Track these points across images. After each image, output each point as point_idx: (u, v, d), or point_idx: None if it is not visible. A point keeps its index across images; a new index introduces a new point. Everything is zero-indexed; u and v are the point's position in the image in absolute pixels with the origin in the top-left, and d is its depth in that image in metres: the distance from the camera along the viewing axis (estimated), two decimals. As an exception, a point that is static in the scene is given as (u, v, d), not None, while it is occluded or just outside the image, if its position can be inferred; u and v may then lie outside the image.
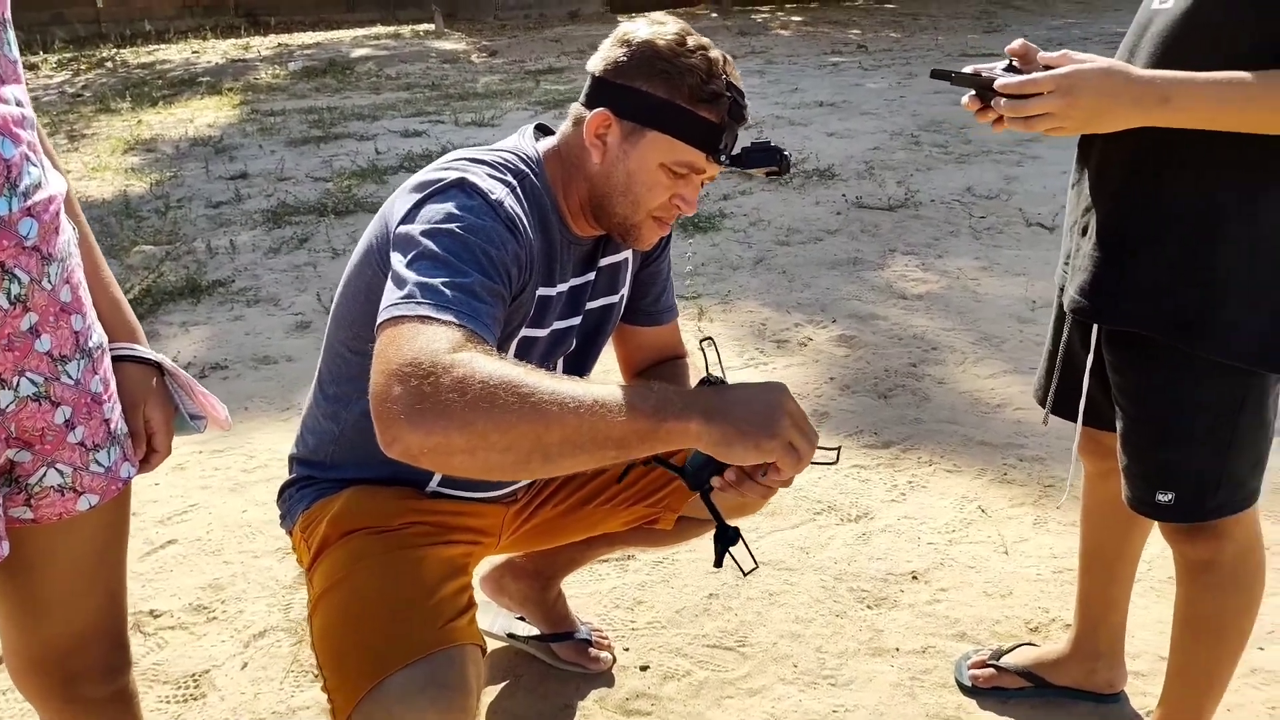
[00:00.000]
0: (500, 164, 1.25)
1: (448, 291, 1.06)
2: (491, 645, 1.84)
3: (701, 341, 1.35)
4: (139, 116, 7.42)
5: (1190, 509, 1.31)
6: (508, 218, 1.17)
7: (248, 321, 3.47)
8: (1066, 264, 1.39)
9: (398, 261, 1.11)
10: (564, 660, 1.78)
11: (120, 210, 4.89)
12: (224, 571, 2.11)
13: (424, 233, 1.12)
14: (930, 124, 5.92)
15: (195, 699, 1.76)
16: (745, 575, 1.19)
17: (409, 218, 1.16)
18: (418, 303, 1.04)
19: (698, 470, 1.21)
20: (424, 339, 0.99)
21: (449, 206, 1.14)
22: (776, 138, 5.58)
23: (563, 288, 1.34)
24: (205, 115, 7.45)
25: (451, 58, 10.22)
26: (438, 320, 1.02)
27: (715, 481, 1.19)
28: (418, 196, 1.18)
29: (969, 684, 1.70)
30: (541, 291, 1.29)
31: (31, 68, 10.13)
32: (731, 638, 1.85)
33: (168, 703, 1.75)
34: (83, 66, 10.00)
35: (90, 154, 6.23)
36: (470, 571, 1.36)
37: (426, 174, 1.22)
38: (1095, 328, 1.34)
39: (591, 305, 1.42)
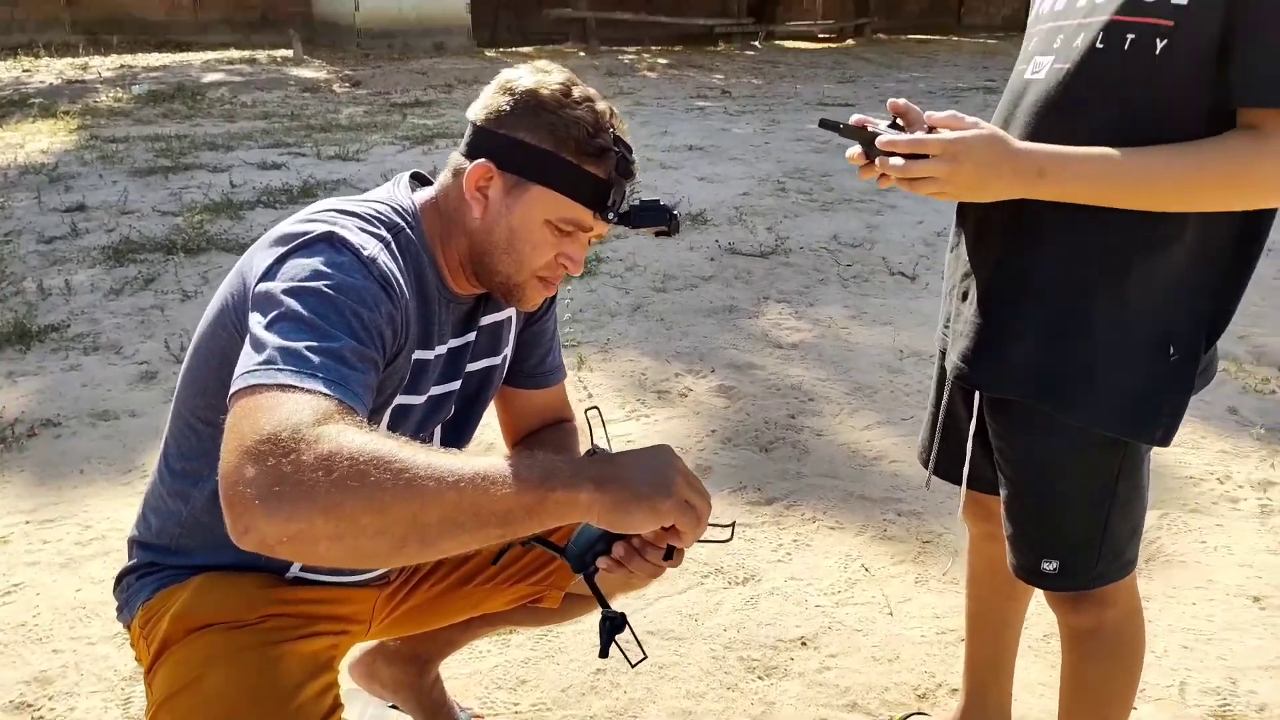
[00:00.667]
0: (373, 216, 1.15)
1: (313, 357, 0.95)
2: (361, 739, 1.69)
3: (587, 411, 1.28)
4: (-41, 139, 6.80)
5: (1074, 578, 1.32)
6: (381, 276, 1.07)
7: (85, 371, 3.17)
8: (947, 327, 1.39)
9: (256, 323, 1.00)
10: (442, 753, 1.65)
11: (-66, 244, 4.43)
12: (52, 662, 1.87)
13: (287, 291, 1.01)
14: (795, 171, 6.08)
15: (12, 821, 1.53)
16: (633, 666, 1.13)
17: (270, 274, 1.05)
18: (278, 369, 0.93)
19: (582, 550, 1.14)
20: (284, 410, 0.89)
21: (315, 262, 1.04)
22: (649, 180, 5.62)
23: (441, 350, 1.25)
24: (38, 140, 6.91)
25: (312, 86, 9.87)
26: (300, 389, 0.92)
27: (601, 562, 1.12)
28: (280, 250, 1.07)
29: (863, 758, 1.67)
30: (418, 355, 1.20)
31: None
32: (621, 718, 1.77)
33: (-23, 828, 1.52)
34: (-107, 81, 9.14)
35: (-101, 179, 5.65)
36: (336, 667, 1.23)
37: (290, 225, 1.11)
38: (977, 393, 1.35)
39: (472, 367, 1.32)
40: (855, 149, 1.21)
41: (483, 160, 1.15)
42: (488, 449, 2.35)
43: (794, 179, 5.89)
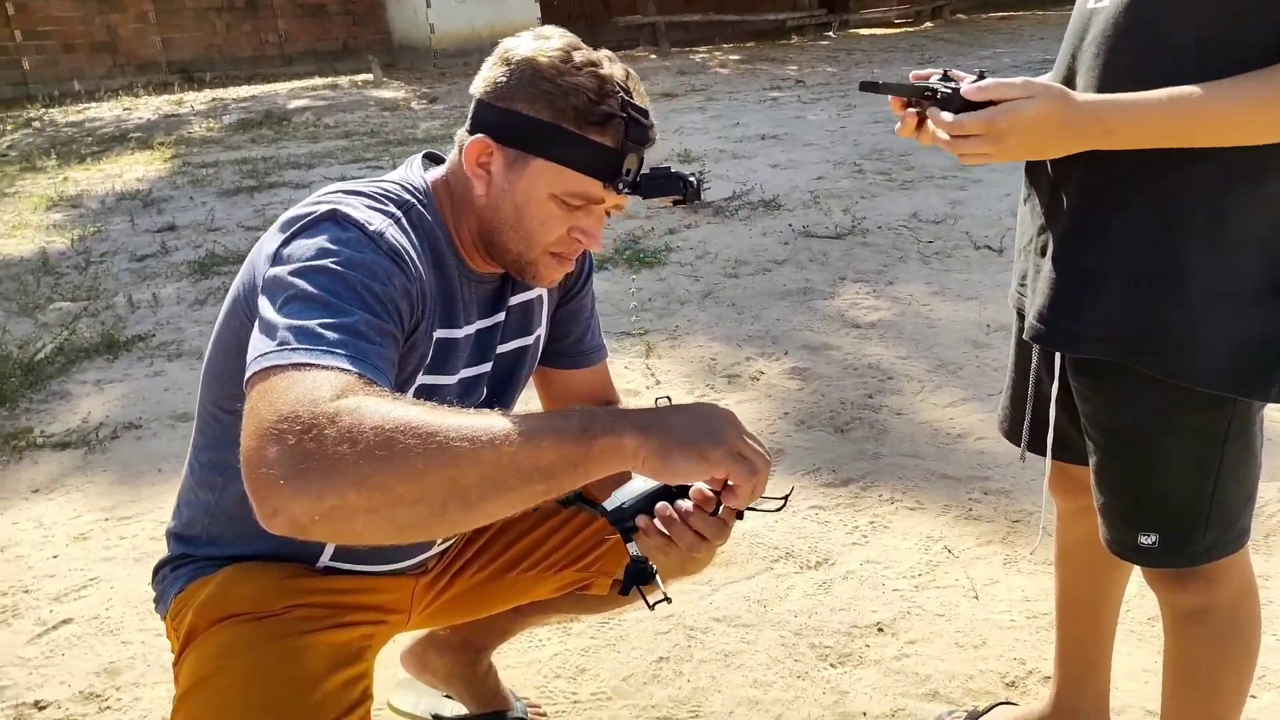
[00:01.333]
0: (381, 195, 1.10)
1: (328, 333, 0.91)
2: (416, 730, 1.64)
3: (657, 400, 1.21)
4: (65, 174, 7.17)
5: (1176, 553, 1.18)
6: (390, 249, 1.02)
7: (168, 377, 3.25)
8: (1023, 286, 1.27)
9: (266, 307, 0.96)
10: (497, 744, 1.59)
11: (38, 267, 4.65)
12: (121, 654, 1.89)
13: (294, 272, 0.97)
14: (872, 152, 5.89)
15: (76, 812, 1.54)
16: (651, 608, 1.06)
17: (277, 258, 1.01)
18: (292, 349, 0.89)
19: (621, 507, 1.06)
20: (302, 388, 0.84)
21: (320, 241, 0.99)
22: (720, 171, 5.52)
23: (468, 330, 1.18)
24: (134, 170, 7.23)
25: (391, 105, 10.10)
26: (317, 366, 0.87)
27: (640, 520, 1.04)
28: (285, 234, 1.03)
29: (945, 749, 1.54)
30: (441, 334, 1.14)
31: (-45, 127, 9.82)
32: (684, 708, 1.68)
33: (43, 818, 1.52)
34: (8, 127, 9.71)
35: (11, 212, 5.97)
36: (369, 658, 1.18)
37: (295, 209, 1.07)
38: (1059, 355, 1.21)
39: (503, 349, 1.26)
40: (900, 124, 1.14)
41: (480, 135, 1.09)
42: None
43: (871, 160, 5.71)
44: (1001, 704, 1.61)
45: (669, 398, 1.23)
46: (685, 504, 1.02)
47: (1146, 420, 1.15)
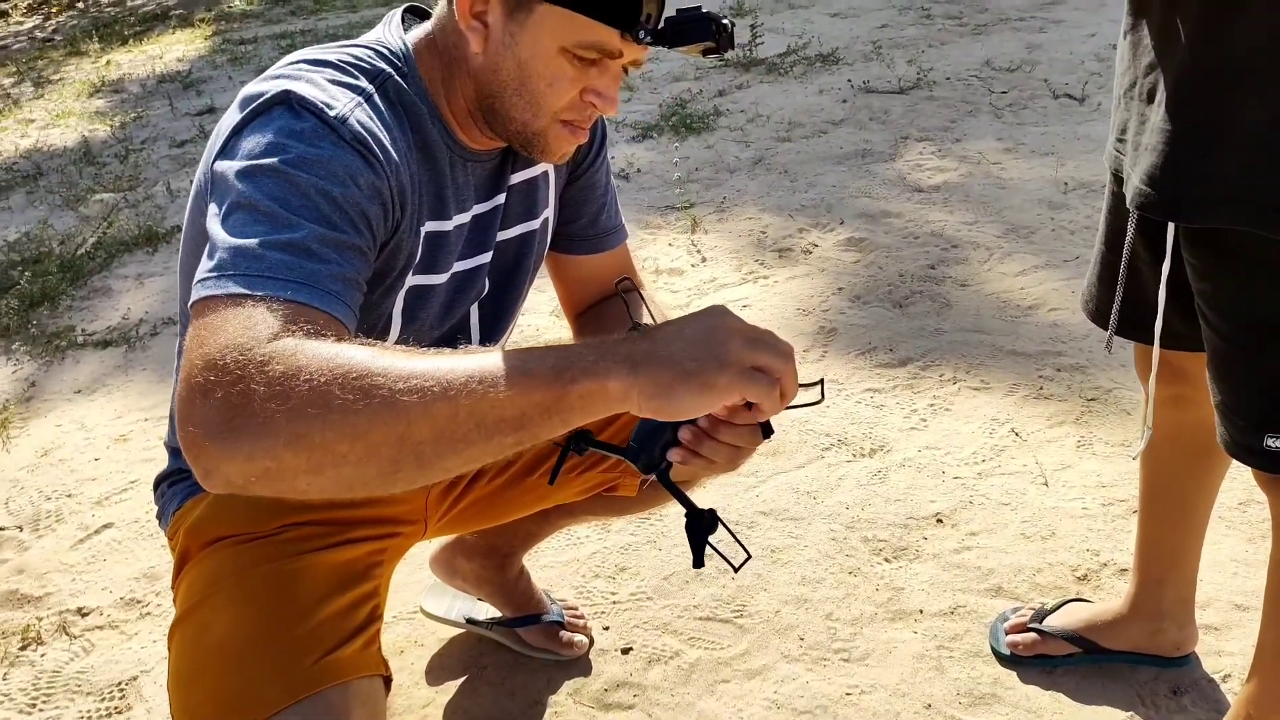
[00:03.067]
0: (349, 64, 0.94)
1: (269, 254, 0.78)
2: (450, 633, 1.60)
3: (618, 284, 1.06)
4: (108, 57, 7.06)
5: None
6: (355, 138, 0.87)
7: (206, 269, 3.20)
8: (1122, 140, 1.07)
9: (212, 215, 0.84)
10: (533, 647, 1.54)
11: (80, 158, 4.60)
12: (160, 558, 1.88)
13: (240, 173, 0.84)
14: (944, -5, 5.40)
15: (119, 713, 1.54)
16: (736, 571, 0.94)
17: (226, 149, 0.88)
18: (228, 275, 0.77)
19: (646, 445, 0.93)
20: (232, 328, 0.73)
21: (269, 134, 0.85)
22: (775, 23, 5.13)
23: (462, 219, 1.04)
24: (175, 50, 7.08)
25: (432, -32, 9.67)
26: (252, 298, 0.76)
27: (674, 455, 0.91)
28: (238, 118, 0.89)
29: (1007, 652, 1.43)
30: (430, 227, 1.00)
31: (1, 15, 9.73)
32: (728, 607, 1.60)
33: (89, 719, 1.53)
34: (54, 9, 9.58)
35: (56, 100, 5.92)
36: (380, 575, 1.10)
37: (252, 85, 0.92)
38: (1170, 225, 1.03)
39: (504, 236, 1.12)
40: None
41: None
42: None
43: (940, 3, 5.24)
44: (1072, 600, 1.49)
45: (628, 279, 1.08)
46: (705, 421, 0.88)
47: (1276, 294, 0.97)
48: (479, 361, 0.72)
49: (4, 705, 1.57)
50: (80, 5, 9.72)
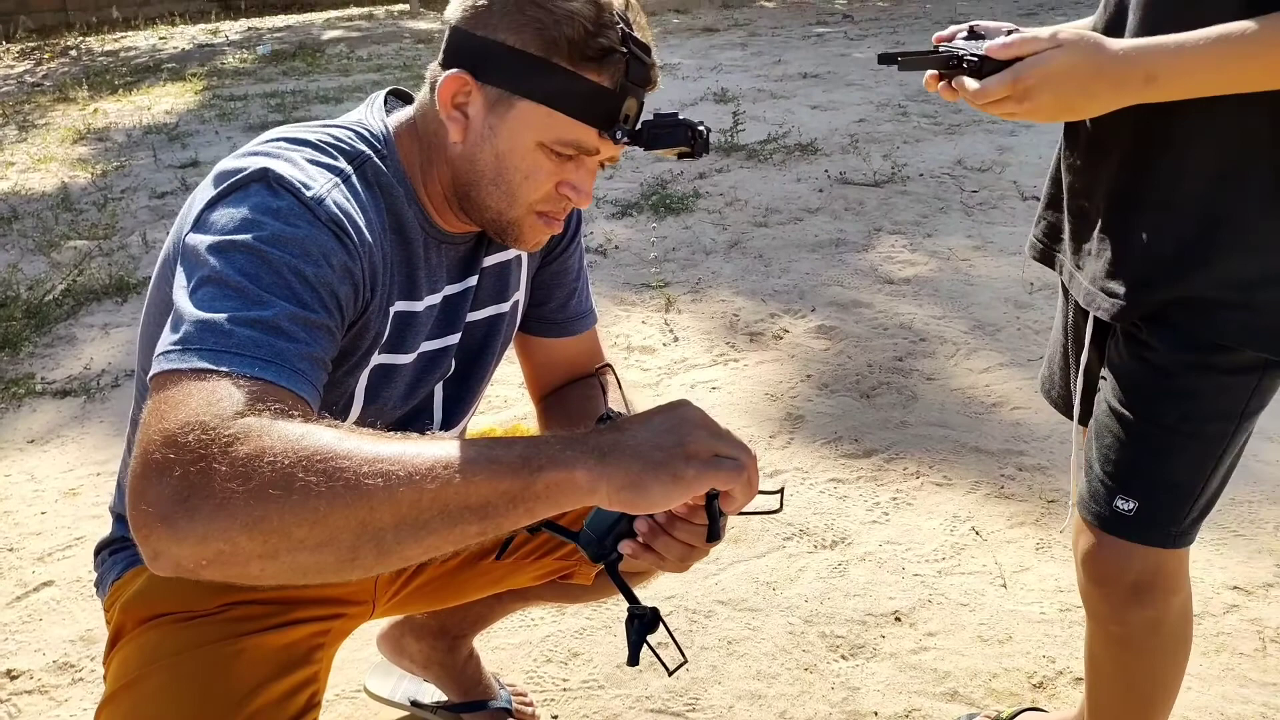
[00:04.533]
0: (329, 144, 0.95)
1: (238, 330, 0.78)
2: (393, 714, 1.55)
3: (598, 369, 1.06)
4: (96, 105, 7.09)
5: (1152, 525, 1.07)
6: (330, 219, 0.88)
7: (175, 323, 3.17)
8: (1050, 240, 1.20)
9: (180, 286, 0.83)
10: (478, 734, 1.49)
11: (59, 203, 4.59)
12: (98, 620, 1.81)
13: (211, 248, 0.83)
14: (918, 93, 5.59)
15: (40, 788, 1.47)
16: (671, 674, 0.92)
17: (199, 223, 0.87)
18: (194, 350, 0.76)
19: (600, 534, 0.93)
20: (194, 404, 0.72)
21: (244, 210, 0.85)
22: (756, 111, 5.27)
23: (433, 300, 1.05)
24: (164, 102, 7.12)
25: (426, 38, 9.85)
26: (218, 374, 0.74)
27: (625, 547, 0.91)
28: (213, 193, 0.89)
29: (960, 761, 1.41)
30: (399, 307, 1.00)
31: (-8, 57, 9.79)
32: (680, 700, 1.57)
33: (7, 794, 1.46)
34: (46, 55, 9.65)
35: (39, 144, 5.91)
36: (322, 658, 1.06)
37: (229, 160, 0.92)
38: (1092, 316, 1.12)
39: (474, 316, 1.12)
40: (929, 73, 1.03)
41: (456, 70, 0.92)
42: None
43: (916, 102, 5.42)
44: (1028, 709, 1.48)
45: (610, 366, 1.08)
46: (662, 517, 0.88)
47: (1174, 378, 1.04)
48: (445, 449, 0.71)
49: (-82, 774, 1.50)
50: (74, 53, 9.80)
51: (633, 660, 0.90)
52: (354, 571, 0.70)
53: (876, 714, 1.51)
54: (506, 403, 2.46)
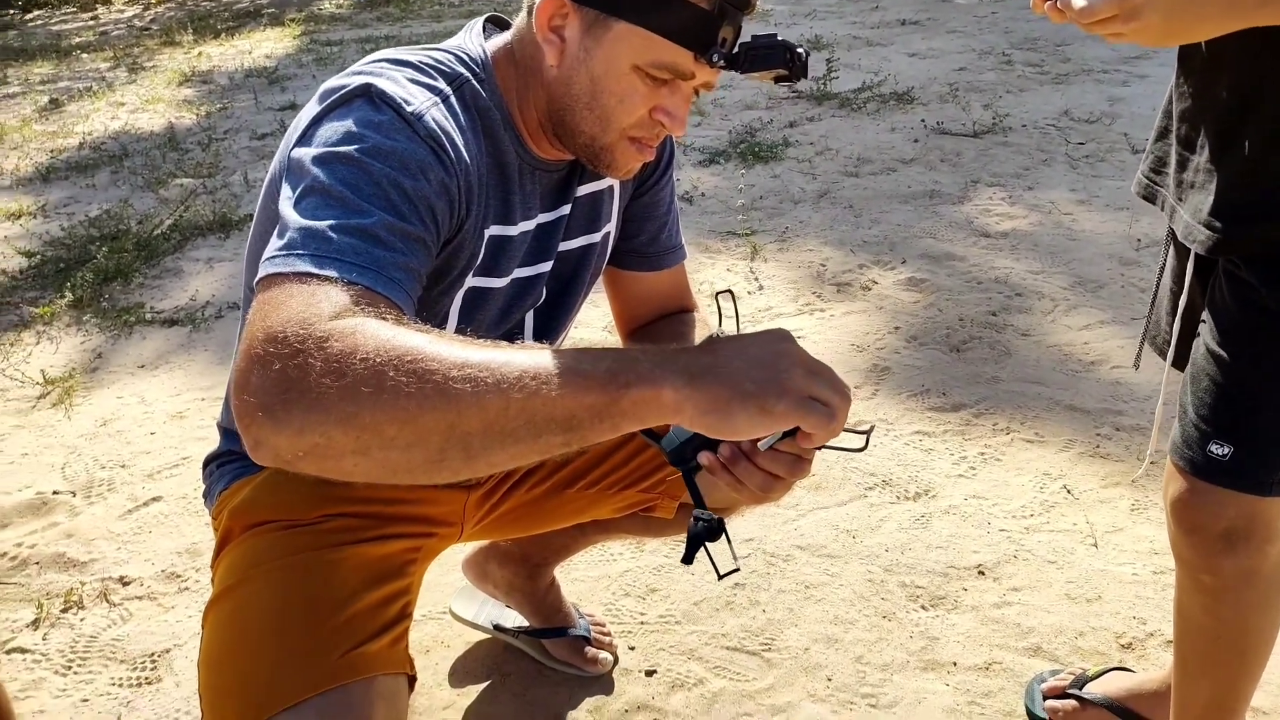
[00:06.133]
0: (430, 65, 0.96)
1: (338, 237, 0.80)
2: (476, 637, 1.60)
3: (718, 294, 1.06)
4: (200, 49, 7.30)
5: (1247, 471, 1.03)
6: (429, 135, 0.89)
7: (274, 259, 3.27)
8: (1159, 174, 1.15)
9: (285, 198, 0.86)
10: (557, 659, 1.53)
11: (165, 143, 4.76)
12: (204, 535, 1.91)
13: (316, 159, 0.86)
14: (1025, 41, 5.35)
15: (149, 683, 1.57)
16: (720, 579, 0.94)
17: (305, 137, 0.90)
18: (297, 254, 0.79)
19: (682, 441, 0.93)
20: (296, 304, 0.74)
21: (349, 123, 0.87)
22: (851, 60, 5.12)
23: (526, 226, 1.05)
24: (264, 46, 7.30)
25: (517, -17, 9.84)
26: (318, 277, 0.77)
27: (703, 458, 0.91)
28: (318, 109, 0.91)
29: (1044, 716, 1.39)
30: (494, 231, 1.01)
31: (105, 2, 10.15)
32: (756, 639, 1.58)
33: (119, 686, 1.56)
34: (153, 1, 9.95)
35: (147, 86, 6.13)
36: (414, 573, 1.10)
37: (336, 79, 0.94)
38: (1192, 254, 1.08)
39: (566, 246, 1.13)
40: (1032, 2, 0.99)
41: None
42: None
43: (1022, 50, 5.19)
44: (1115, 669, 1.44)
45: (730, 291, 1.08)
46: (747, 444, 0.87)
47: (1275, 317, 1.00)
48: (534, 358, 0.71)
49: (41, 665, 1.61)
50: (179, -3, 10.08)
51: (687, 559, 0.91)
52: (442, 473, 0.71)
53: (955, 664, 1.50)
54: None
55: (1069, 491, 1.88)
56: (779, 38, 0.94)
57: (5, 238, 3.51)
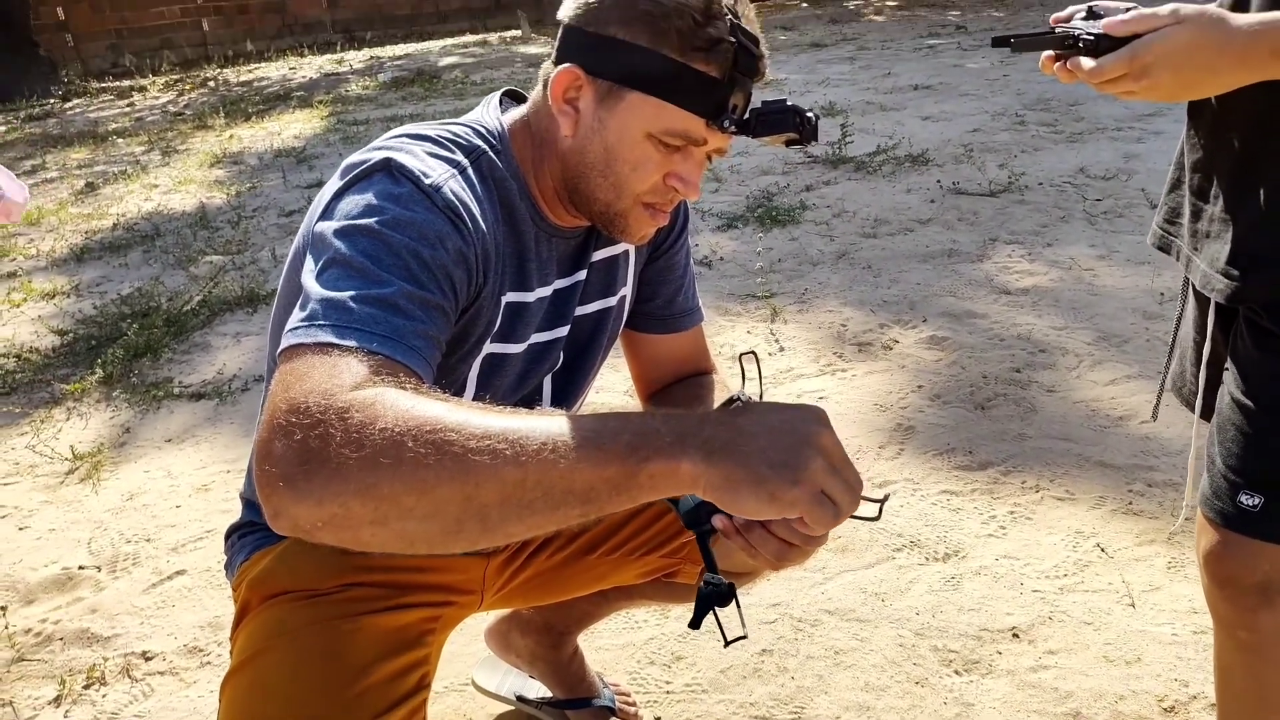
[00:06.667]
0: (448, 139, 0.99)
1: (358, 308, 0.82)
2: (499, 709, 1.57)
3: (741, 356, 1.06)
4: (231, 131, 7.53)
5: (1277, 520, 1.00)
6: (447, 205, 0.91)
7: (299, 332, 3.31)
8: (1171, 224, 1.15)
9: (308, 270, 0.88)
10: (581, 731, 1.50)
11: (196, 222, 4.88)
12: (227, 608, 1.91)
13: (338, 232, 0.88)
14: (1037, 101, 5.41)
15: (170, 763, 1.55)
16: (726, 645, 0.92)
17: (327, 212, 0.93)
18: (319, 325, 0.80)
19: (697, 504, 0.92)
20: (318, 375, 0.76)
21: (369, 196, 0.90)
22: (865, 124, 5.19)
23: (543, 292, 1.07)
24: (293, 127, 7.51)
25: (537, 61, 10.11)
26: (339, 348, 0.78)
27: (718, 521, 0.90)
28: (340, 184, 0.94)
29: (1084, 783, 1.34)
30: (511, 298, 1.02)
31: (140, 90, 10.53)
32: (785, 708, 1.54)
33: (141, 767, 1.54)
34: (187, 86, 10.31)
35: (180, 168, 6.31)
36: (433, 642, 1.09)
37: (357, 155, 0.98)
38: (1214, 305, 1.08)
39: (582, 311, 1.14)
40: (1045, 53, 1.00)
41: (569, 65, 0.95)
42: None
43: (1035, 110, 5.25)
44: (1156, 734, 1.39)
45: (754, 353, 1.08)
46: None
47: None
48: (554, 427, 0.72)
49: (62, 743, 1.60)
50: (211, 84, 10.44)
51: (695, 623, 0.90)
52: (459, 543, 0.72)
53: (992, 731, 1.45)
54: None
55: (1103, 550, 1.84)
56: (788, 102, 0.97)
57: (40, 317, 3.59)
